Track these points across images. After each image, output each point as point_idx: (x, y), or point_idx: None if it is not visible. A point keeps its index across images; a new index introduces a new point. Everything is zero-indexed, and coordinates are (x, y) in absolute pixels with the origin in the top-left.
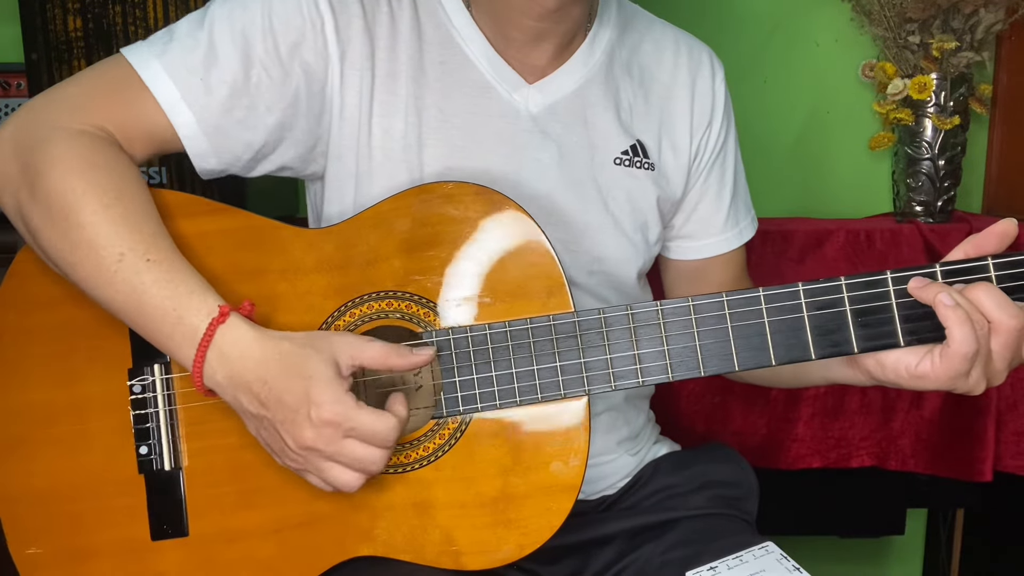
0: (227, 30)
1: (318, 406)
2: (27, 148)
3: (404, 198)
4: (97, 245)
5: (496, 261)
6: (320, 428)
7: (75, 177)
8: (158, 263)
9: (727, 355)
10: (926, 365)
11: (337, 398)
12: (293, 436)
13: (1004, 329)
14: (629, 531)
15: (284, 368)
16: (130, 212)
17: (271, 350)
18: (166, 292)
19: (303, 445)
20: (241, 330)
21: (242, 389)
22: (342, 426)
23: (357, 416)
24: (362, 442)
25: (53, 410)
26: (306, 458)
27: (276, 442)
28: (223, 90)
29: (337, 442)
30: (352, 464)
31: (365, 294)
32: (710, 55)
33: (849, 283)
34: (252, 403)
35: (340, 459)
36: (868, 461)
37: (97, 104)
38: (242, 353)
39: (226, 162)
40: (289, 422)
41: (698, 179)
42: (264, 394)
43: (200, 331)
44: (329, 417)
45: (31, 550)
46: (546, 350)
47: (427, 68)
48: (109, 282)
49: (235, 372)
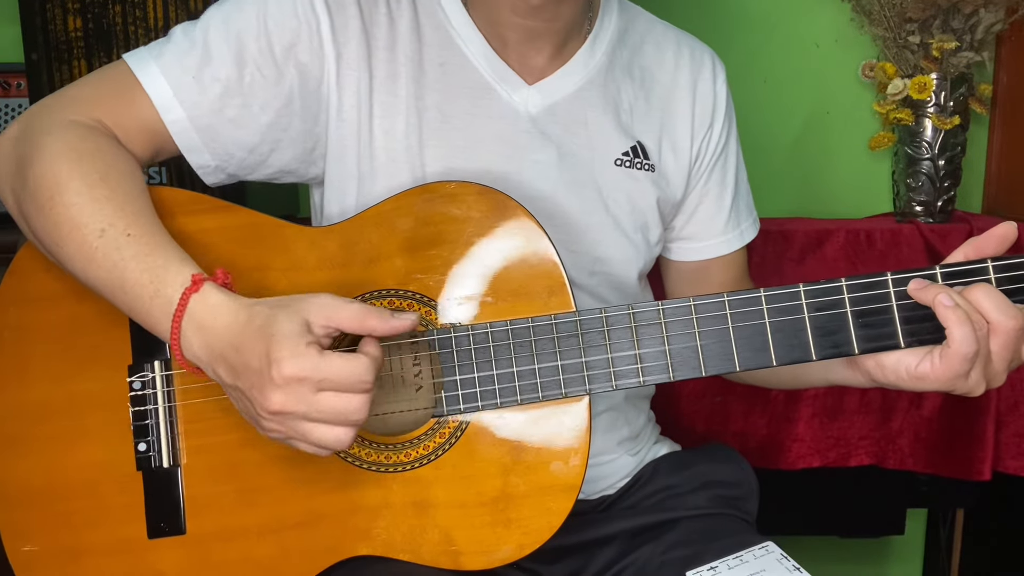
0: (222, 31)
1: (278, 363)
2: (24, 141)
3: (406, 197)
4: (79, 223)
5: (498, 260)
6: (286, 386)
7: (61, 161)
8: (137, 237)
9: (728, 355)
10: (926, 366)
11: (297, 352)
12: (261, 402)
13: (1003, 330)
14: (629, 531)
15: (252, 331)
16: (114, 192)
17: (242, 315)
18: (144, 265)
19: (272, 409)
20: (215, 298)
21: (217, 359)
22: (309, 379)
23: (325, 366)
24: (336, 392)
25: (52, 407)
26: (282, 422)
27: (251, 412)
28: (216, 88)
29: (308, 398)
30: (333, 418)
31: (367, 292)
32: (712, 56)
33: (850, 284)
34: (228, 373)
35: (317, 416)
36: (867, 460)
37: (96, 103)
38: (215, 321)
39: (221, 160)
40: (257, 387)
41: (699, 181)
42: (234, 361)
43: (174, 301)
44: (292, 372)
45: (27, 547)
46: (547, 349)
47: (427, 69)
48: (91, 258)
49: (209, 342)
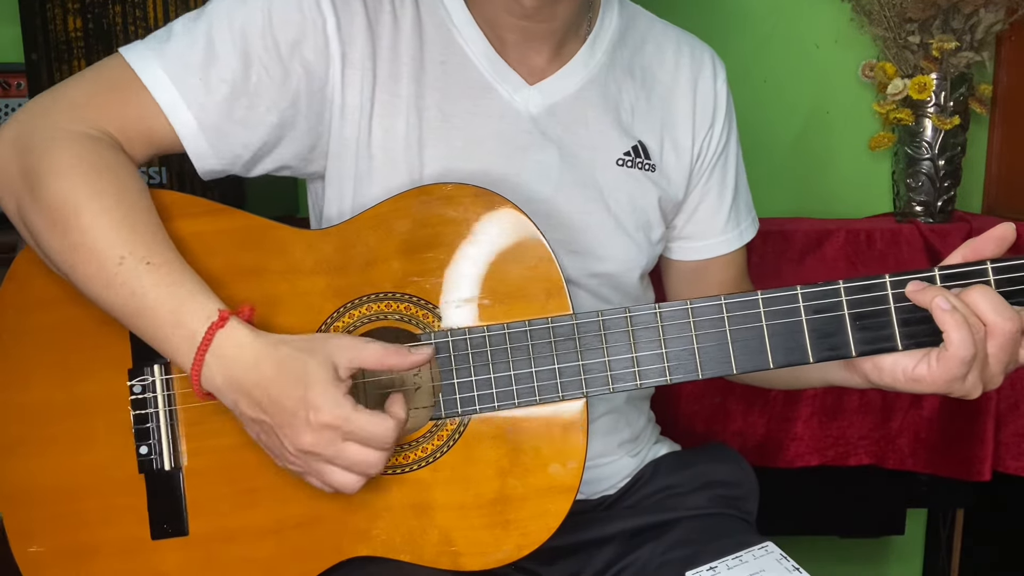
0: (226, 29)
1: (316, 410)
2: (28, 151)
3: (403, 199)
4: (97, 249)
5: (495, 263)
6: (319, 432)
7: (75, 181)
8: (158, 267)
9: (725, 358)
10: (923, 369)
11: (335, 402)
12: (292, 440)
13: (999, 332)
14: (629, 531)
15: (282, 372)
16: (130, 215)
17: (269, 354)
18: (165, 296)
19: (302, 449)
20: (240, 334)
21: (241, 393)
22: (340, 429)
23: (355, 419)
24: (361, 445)
25: (54, 410)
26: (306, 461)
27: (276, 446)
28: (223, 89)
29: (336, 445)
30: (351, 467)
31: (364, 295)
32: (712, 56)
33: (847, 287)
34: (251, 407)
35: (339, 462)
36: (867, 460)
37: (97, 105)
38: (240, 357)
39: (226, 162)
40: (288, 426)
41: (700, 180)
42: (262, 398)
43: (199, 335)
44: (327, 420)
45: (32, 548)
46: (544, 352)
47: (428, 68)
48: (108, 285)
49: (233, 376)
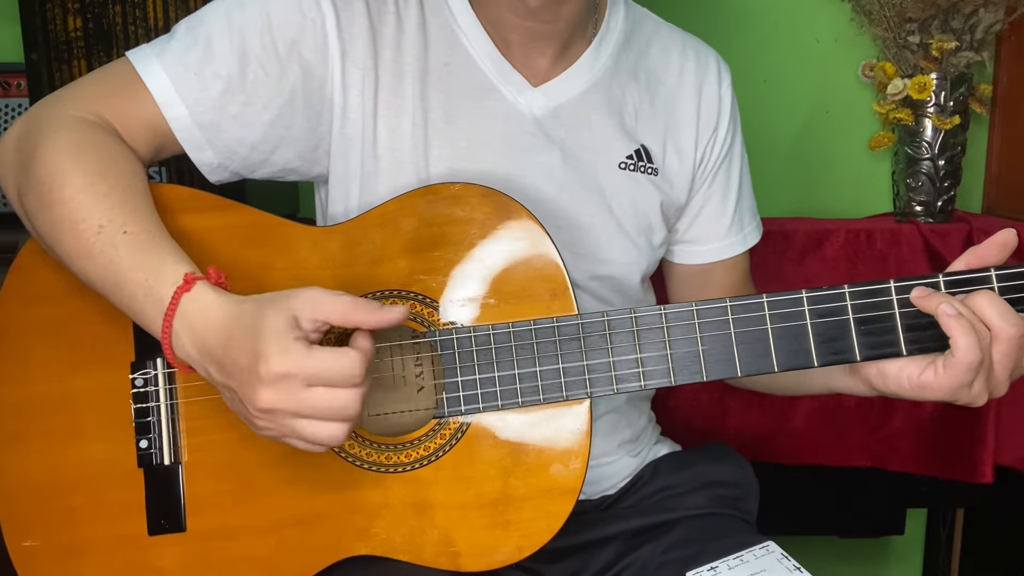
0: (224, 27)
1: (266, 359)
2: (28, 136)
3: (410, 198)
4: (77, 219)
5: (501, 263)
6: (274, 383)
7: (62, 155)
8: (134, 235)
9: (730, 360)
10: (929, 375)
11: (284, 348)
12: (251, 399)
13: (1005, 337)
14: (629, 531)
15: (241, 328)
16: (113, 189)
17: (230, 312)
18: (138, 263)
19: (261, 407)
20: (207, 297)
21: (208, 358)
22: (298, 376)
23: (311, 361)
24: (326, 387)
25: (55, 403)
26: (272, 420)
27: (243, 411)
28: (218, 85)
29: (297, 395)
30: (325, 414)
31: (369, 293)
32: (717, 60)
33: (852, 291)
34: (218, 372)
35: (309, 412)
36: (867, 462)
37: (99, 100)
38: (206, 320)
39: (224, 157)
40: (247, 384)
41: (703, 184)
42: (224, 360)
43: (166, 300)
44: (280, 369)
45: (27, 543)
46: (549, 352)
47: (432, 69)
48: (88, 255)
49: (200, 340)
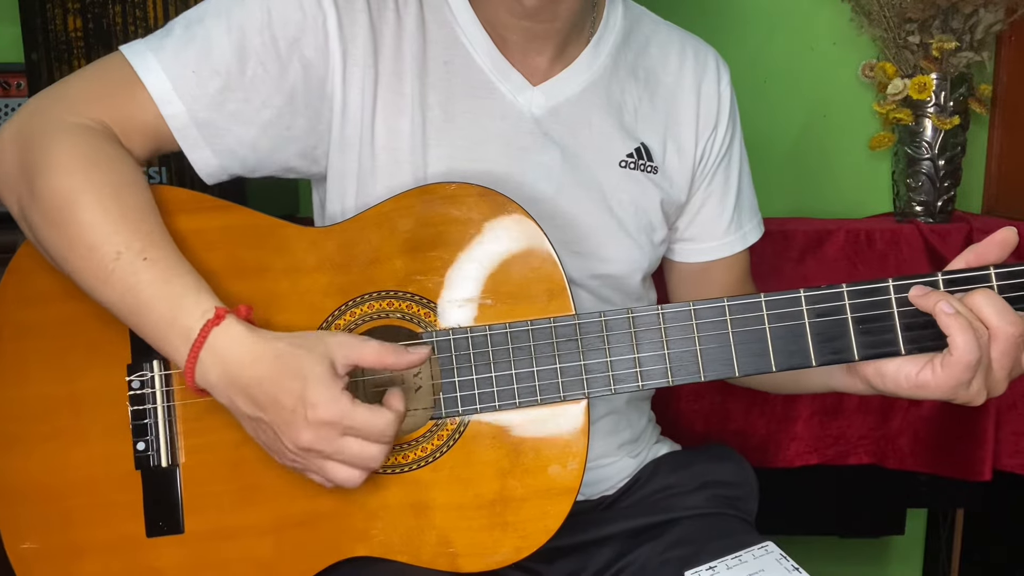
0: (223, 24)
1: (314, 406)
2: (28, 146)
3: (407, 198)
4: (94, 244)
5: (498, 263)
6: (317, 428)
7: (73, 175)
8: (155, 261)
9: (728, 360)
10: (927, 374)
11: (333, 397)
12: (291, 437)
13: (1003, 336)
14: (629, 531)
15: (278, 368)
16: (128, 209)
17: (265, 351)
18: (162, 292)
19: (301, 446)
20: (236, 331)
21: (236, 390)
22: (339, 424)
23: (354, 414)
24: (360, 439)
25: (51, 405)
26: (306, 458)
27: (274, 443)
28: (216, 82)
29: (335, 441)
30: (352, 461)
31: (366, 293)
32: (716, 58)
33: (851, 290)
34: (247, 405)
35: (339, 457)
36: (867, 459)
37: (96, 100)
38: (236, 354)
39: (222, 157)
40: (286, 423)
41: (703, 182)
42: (259, 395)
43: (195, 332)
44: (326, 417)
45: (26, 545)
46: (546, 352)
47: (431, 67)
48: (105, 280)
49: (229, 373)
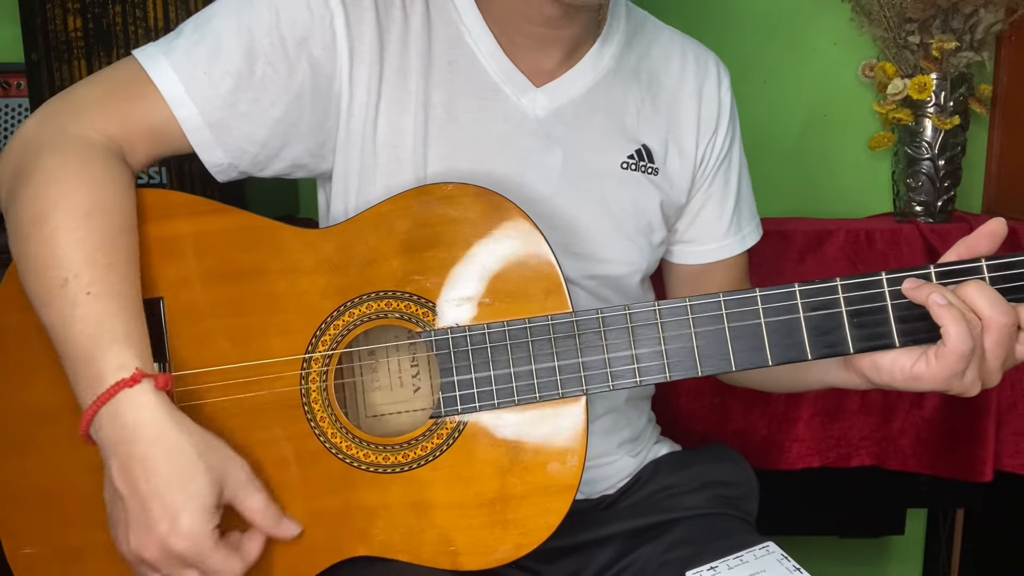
0: (232, 25)
1: (178, 534)
2: (25, 152)
3: (404, 199)
4: (46, 264)
5: (495, 262)
6: (167, 554)
7: (51, 189)
8: (97, 298)
9: (724, 355)
10: (921, 366)
11: (201, 533)
12: (137, 543)
13: (996, 326)
14: (629, 531)
15: (169, 468)
16: (92, 235)
17: (166, 440)
18: (90, 331)
19: (140, 557)
20: (146, 401)
21: (118, 458)
22: (190, 559)
23: (210, 556)
24: (200, 574)
25: (51, 410)
26: (136, 562)
27: (118, 528)
28: (227, 83)
29: (176, 568)
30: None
31: (364, 294)
32: (716, 62)
33: (845, 284)
34: (120, 478)
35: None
36: (868, 461)
37: (104, 104)
38: (136, 426)
39: (233, 156)
40: (141, 528)
41: (702, 185)
42: (136, 478)
43: (105, 383)
44: (182, 550)
45: (26, 550)
46: (544, 350)
47: (436, 66)
48: (48, 303)
49: (120, 440)
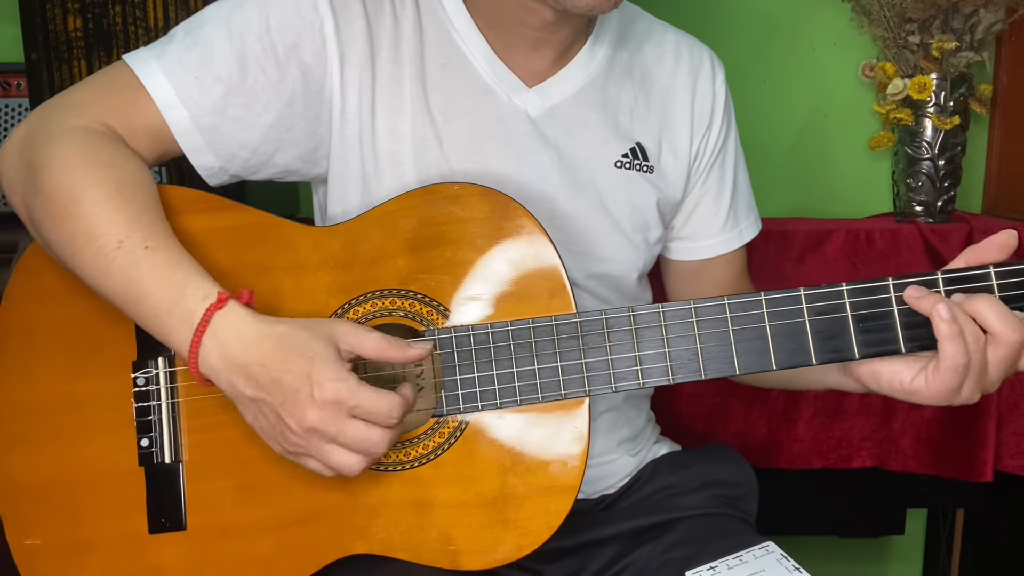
0: (224, 30)
1: (320, 385)
2: (32, 148)
3: (410, 198)
4: (95, 234)
5: (499, 262)
6: (323, 407)
7: (75, 171)
8: (155, 250)
9: (728, 358)
10: (920, 382)
11: (339, 375)
12: (296, 417)
13: (1005, 342)
14: (629, 531)
15: (283, 349)
16: (129, 202)
17: (268, 333)
18: (163, 279)
19: (305, 426)
20: (238, 315)
21: (238, 372)
22: (345, 404)
23: (360, 393)
24: (366, 422)
25: (57, 403)
26: (307, 440)
27: (276, 425)
28: (218, 88)
29: (340, 422)
30: (355, 445)
31: (369, 292)
32: (711, 56)
33: (851, 288)
34: (249, 386)
35: (342, 439)
36: (869, 462)
37: (101, 105)
38: (239, 336)
39: (224, 160)
40: (290, 403)
41: (697, 181)
42: (262, 376)
43: (197, 316)
44: (331, 396)
45: (30, 541)
46: (547, 350)
47: (429, 69)
48: (106, 270)
49: (231, 355)
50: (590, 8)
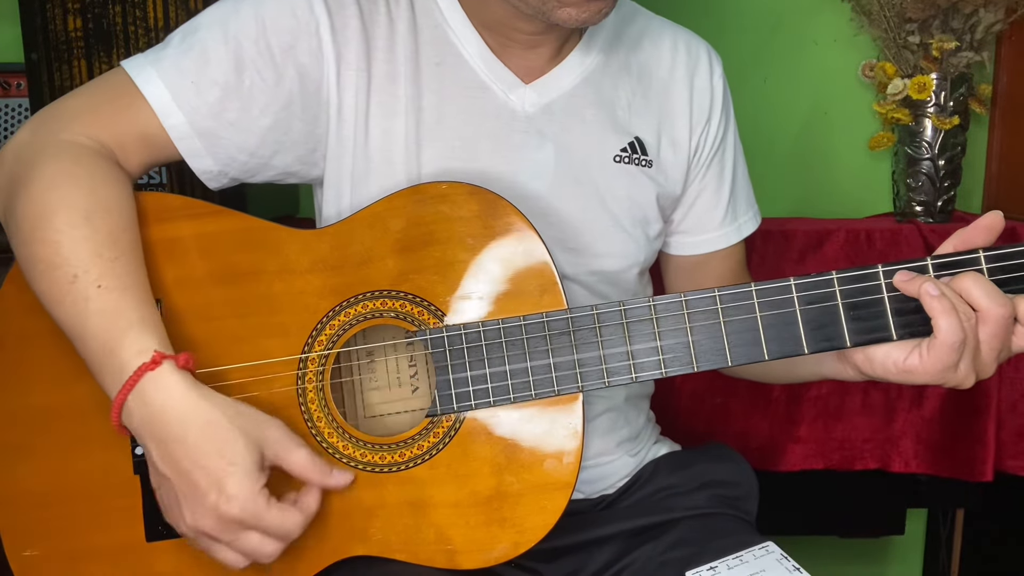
0: (219, 34)
1: (228, 500)
2: (19, 160)
3: (398, 198)
4: (54, 264)
5: (489, 260)
6: (223, 521)
7: (50, 192)
8: (108, 290)
9: (720, 350)
10: (914, 359)
11: (251, 495)
12: (192, 516)
13: (992, 317)
14: (629, 531)
15: (204, 439)
16: (96, 233)
17: (196, 412)
18: (106, 324)
19: (199, 528)
20: (171, 380)
21: (154, 441)
22: (247, 523)
23: (266, 516)
24: (263, 535)
25: (52, 412)
26: (198, 539)
27: (172, 507)
28: (215, 92)
29: (235, 533)
30: (245, 552)
31: (360, 293)
32: (708, 50)
33: (840, 277)
34: (161, 460)
35: (234, 546)
36: (872, 464)
37: (95, 113)
38: (164, 404)
39: (223, 163)
40: (192, 501)
41: (697, 175)
42: (176, 458)
43: (128, 371)
44: (236, 515)
45: (28, 552)
46: (539, 347)
47: (424, 69)
48: (60, 302)
49: (152, 422)
50: (580, 23)
